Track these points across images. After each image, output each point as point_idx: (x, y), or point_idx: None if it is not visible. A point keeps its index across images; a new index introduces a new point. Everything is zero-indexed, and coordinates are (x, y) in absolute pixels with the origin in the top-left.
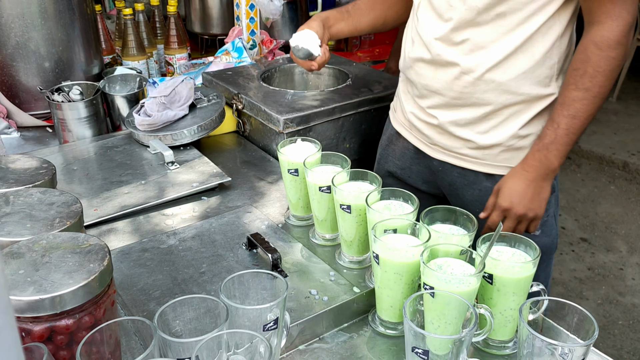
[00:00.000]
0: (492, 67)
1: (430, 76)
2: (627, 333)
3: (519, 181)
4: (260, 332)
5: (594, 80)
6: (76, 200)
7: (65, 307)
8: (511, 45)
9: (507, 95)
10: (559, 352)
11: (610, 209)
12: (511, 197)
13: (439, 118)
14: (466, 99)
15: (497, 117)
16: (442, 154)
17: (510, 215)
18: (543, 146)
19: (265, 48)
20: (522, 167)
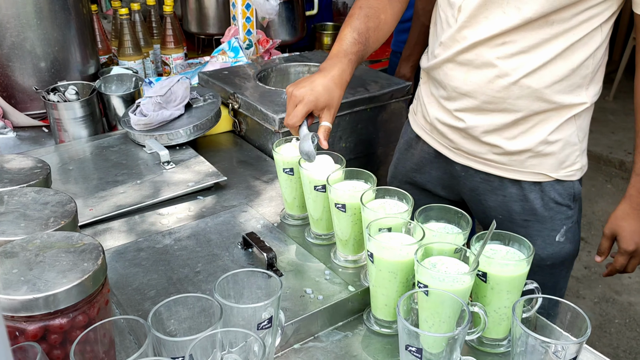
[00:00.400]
0: (530, 72)
1: (461, 78)
2: (623, 332)
3: (635, 222)
4: (255, 331)
5: None
6: (70, 200)
7: (59, 306)
8: (552, 52)
9: (540, 102)
10: (552, 350)
11: (607, 207)
12: (635, 239)
13: (467, 122)
14: (498, 104)
15: (527, 123)
16: (465, 159)
17: (636, 255)
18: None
19: (261, 48)
20: (631, 205)
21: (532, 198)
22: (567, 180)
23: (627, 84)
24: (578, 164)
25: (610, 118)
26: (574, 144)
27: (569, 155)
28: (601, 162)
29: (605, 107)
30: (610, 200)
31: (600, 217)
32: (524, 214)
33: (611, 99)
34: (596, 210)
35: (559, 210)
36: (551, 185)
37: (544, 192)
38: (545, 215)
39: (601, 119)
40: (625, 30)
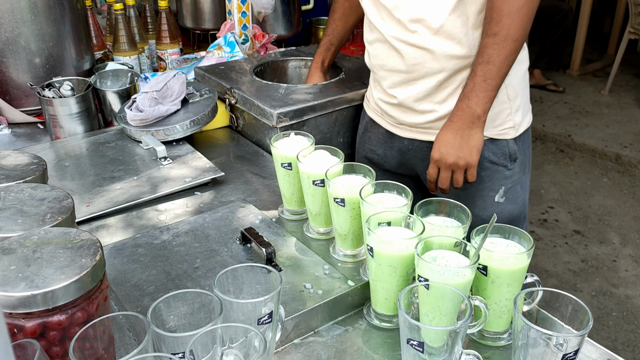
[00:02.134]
0: (432, 35)
1: (384, 55)
2: (621, 324)
3: (446, 132)
4: (255, 326)
5: (499, 23)
6: (67, 196)
7: (58, 302)
8: (445, 12)
9: (454, 60)
10: (554, 343)
11: (603, 201)
12: (440, 148)
13: (398, 97)
14: (418, 71)
15: (452, 83)
16: (409, 132)
17: (442, 165)
18: (464, 95)
19: (257, 42)
20: (449, 119)
21: None
22: (500, 138)
23: (622, 78)
24: (510, 122)
25: (605, 111)
26: (503, 102)
27: (499, 113)
28: (596, 155)
29: (600, 100)
30: (606, 194)
31: (597, 211)
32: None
33: (606, 93)
34: (592, 204)
35: (495, 169)
36: (485, 145)
37: None
38: (482, 175)
39: (596, 112)
40: (620, 24)
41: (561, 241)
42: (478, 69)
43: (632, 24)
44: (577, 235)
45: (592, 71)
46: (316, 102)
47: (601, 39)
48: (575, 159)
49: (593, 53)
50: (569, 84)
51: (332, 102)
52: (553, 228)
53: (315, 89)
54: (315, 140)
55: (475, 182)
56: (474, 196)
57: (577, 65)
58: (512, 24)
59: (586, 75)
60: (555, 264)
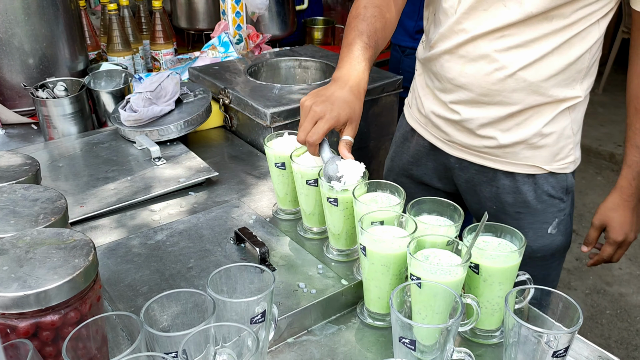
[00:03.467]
0: (527, 65)
1: (458, 70)
2: (614, 322)
3: (625, 213)
4: (248, 325)
5: None
6: (60, 196)
7: (51, 302)
8: (550, 47)
9: (535, 95)
10: (545, 340)
11: (598, 199)
12: (624, 230)
13: (462, 114)
14: (493, 97)
15: (522, 116)
16: (459, 151)
17: (624, 245)
18: (637, 174)
19: (251, 42)
20: (622, 198)
21: (525, 190)
22: (560, 172)
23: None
24: (572, 157)
25: (600, 111)
26: (567, 137)
27: (563, 147)
28: (591, 154)
29: (595, 100)
30: (600, 193)
31: (591, 209)
32: (517, 205)
33: (600, 92)
34: (587, 202)
35: (552, 202)
36: (544, 178)
37: (537, 184)
38: (537, 208)
39: (590, 111)
40: (613, 24)
41: None
42: None
43: (626, 24)
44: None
45: None
46: None
47: None
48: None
49: None
50: None
51: None
52: None
53: (309, 89)
54: None
55: (531, 214)
56: (527, 228)
57: None
58: None
59: None
60: None
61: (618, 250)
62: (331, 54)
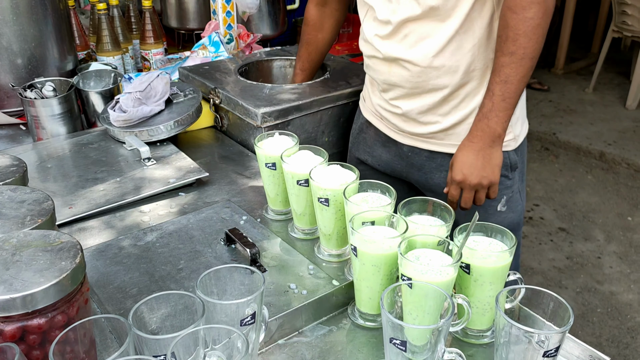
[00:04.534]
0: (438, 53)
1: (386, 71)
2: (605, 321)
3: (467, 153)
4: (238, 327)
5: (516, 43)
6: (47, 198)
7: (37, 306)
8: (451, 29)
9: (460, 75)
10: (536, 340)
11: (588, 198)
12: (462, 169)
13: (402, 108)
14: (423, 87)
15: (456, 97)
16: (410, 139)
17: (465, 186)
18: (483, 115)
19: (242, 42)
20: (468, 139)
21: None
22: (502, 150)
23: (606, 76)
24: (511, 135)
25: (589, 109)
26: None
27: None
28: (581, 153)
29: (584, 98)
30: (590, 191)
31: (581, 208)
32: None
33: (590, 91)
34: (577, 201)
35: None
36: None
37: None
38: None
39: (580, 110)
40: (604, 23)
41: (546, 238)
42: (496, 88)
43: (616, 23)
44: (562, 232)
45: (576, 69)
46: (301, 102)
47: (585, 37)
48: (560, 156)
49: (577, 52)
50: (553, 83)
51: (317, 102)
52: (538, 225)
53: (300, 88)
54: (300, 140)
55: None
56: (477, 207)
57: (561, 64)
58: (528, 43)
59: (570, 73)
60: (541, 261)
61: (463, 194)
62: None
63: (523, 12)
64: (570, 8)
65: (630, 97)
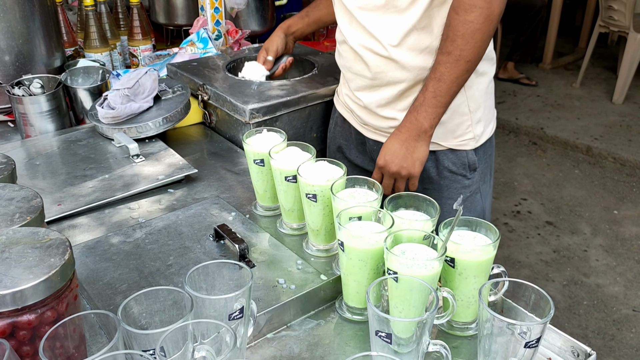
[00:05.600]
0: (396, 46)
1: (350, 58)
2: (591, 313)
3: (392, 141)
4: (226, 322)
5: (454, 43)
6: (36, 195)
7: (27, 302)
8: (408, 24)
9: (416, 71)
10: (518, 331)
11: (575, 192)
12: (385, 156)
13: (363, 100)
14: (382, 79)
15: (414, 93)
16: (373, 134)
17: (385, 172)
18: (413, 108)
19: (230, 38)
20: (397, 128)
21: (428, 166)
22: (459, 149)
23: (593, 71)
24: (470, 134)
25: (577, 104)
26: (463, 114)
27: (459, 124)
28: (568, 147)
29: (572, 93)
30: (577, 186)
31: (568, 202)
32: (423, 182)
33: (578, 86)
34: (564, 195)
35: (454, 178)
36: (444, 154)
37: (438, 160)
38: (441, 184)
39: (567, 105)
40: (591, 18)
41: (534, 232)
42: (429, 85)
43: (603, 18)
44: (549, 226)
45: (564, 64)
46: (289, 98)
47: (573, 32)
48: (547, 151)
49: (565, 46)
50: (541, 77)
51: (304, 98)
52: (526, 219)
53: (288, 84)
54: (289, 136)
55: (435, 190)
56: (449, 202)
57: (549, 59)
58: (465, 45)
59: (558, 68)
60: (528, 255)
61: (384, 180)
62: (310, 49)
63: (464, 14)
64: (557, 3)
65: (617, 92)
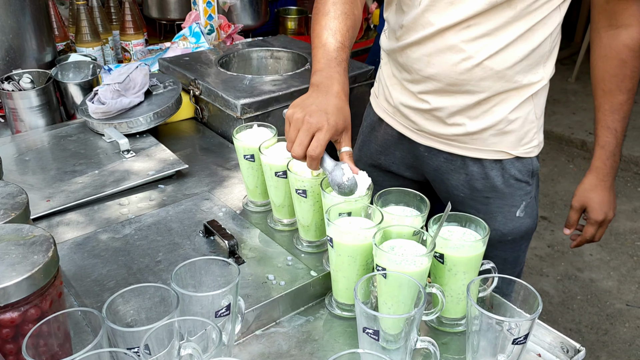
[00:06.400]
0: (493, 54)
1: (425, 61)
2: (585, 307)
3: (603, 193)
4: (212, 319)
5: (633, 80)
6: (21, 192)
7: (10, 300)
8: (514, 34)
9: (502, 82)
10: (507, 328)
11: (569, 187)
12: (604, 209)
13: (432, 104)
14: (462, 86)
15: (489, 103)
16: (428, 140)
17: (604, 224)
18: (611, 154)
19: (223, 33)
20: (598, 178)
21: (493, 175)
22: (525, 157)
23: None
24: (536, 141)
25: (572, 99)
26: (531, 122)
27: (528, 132)
28: (563, 142)
29: (567, 88)
30: (572, 180)
31: (563, 197)
32: (486, 191)
33: (573, 81)
34: (559, 190)
35: (519, 186)
36: (511, 163)
37: (504, 169)
38: (505, 192)
39: (563, 100)
40: (586, 13)
41: None
42: (618, 127)
43: None
44: (543, 221)
45: (559, 59)
46: (281, 93)
47: (568, 27)
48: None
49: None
50: None
51: (297, 92)
52: None
53: (280, 79)
54: (281, 131)
55: (499, 198)
56: (496, 212)
57: None
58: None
59: None
60: None
61: (599, 230)
62: (303, 44)
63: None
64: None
65: None
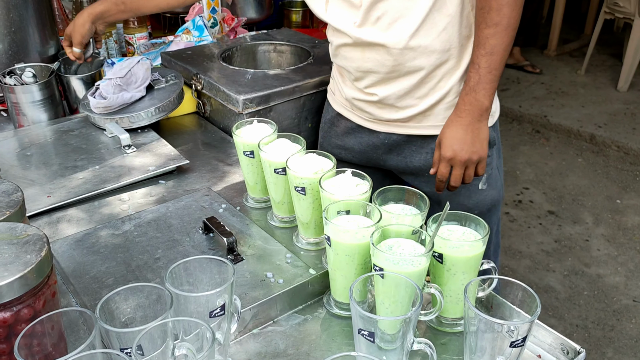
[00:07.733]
0: (414, 33)
1: (359, 58)
2: (592, 303)
3: (456, 128)
4: (207, 319)
5: (500, 13)
6: (17, 189)
7: (2, 300)
8: (425, 8)
9: (436, 55)
10: (506, 330)
11: (578, 181)
12: (452, 146)
13: (379, 94)
14: (399, 70)
15: (433, 78)
16: (385, 126)
17: (455, 163)
18: (470, 89)
19: (226, 26)
20: (455, 114)
21: None
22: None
23: (598, 58)
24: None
25: (581, 92)
26: None
27: None
28: (572, 135)
29: (576, 80)
30: (580, 174)
31: (571, 191)
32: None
33: (582, 73)
34: (567, 184)
35: None
36: None
37: None
38: None
39: (572, 92)
40: (597, 4)
41: (535, 222)
42: (482, 61)
43: (608, 4)
44: (551, 215)
45: (569, 51)
46: (283, 88)
47: (578, 19)
48: (550, 139)
49: (570, 33)
50: (546, 64)
51: (299, 88)
52: (527, 209)
53: (283, 74)
54: (283, 126)
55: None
56: (459, 187)
57: (554, 46)
58: (512, 13)
59: (563, 55)
60: (529, 245)
61: (454, 171)
62: (307, 37)
63: None
64: None
65: (622, 79)
